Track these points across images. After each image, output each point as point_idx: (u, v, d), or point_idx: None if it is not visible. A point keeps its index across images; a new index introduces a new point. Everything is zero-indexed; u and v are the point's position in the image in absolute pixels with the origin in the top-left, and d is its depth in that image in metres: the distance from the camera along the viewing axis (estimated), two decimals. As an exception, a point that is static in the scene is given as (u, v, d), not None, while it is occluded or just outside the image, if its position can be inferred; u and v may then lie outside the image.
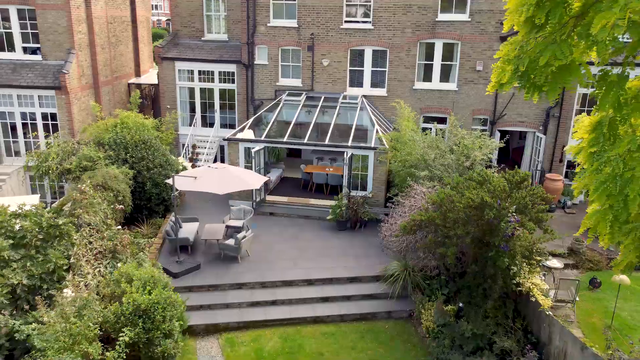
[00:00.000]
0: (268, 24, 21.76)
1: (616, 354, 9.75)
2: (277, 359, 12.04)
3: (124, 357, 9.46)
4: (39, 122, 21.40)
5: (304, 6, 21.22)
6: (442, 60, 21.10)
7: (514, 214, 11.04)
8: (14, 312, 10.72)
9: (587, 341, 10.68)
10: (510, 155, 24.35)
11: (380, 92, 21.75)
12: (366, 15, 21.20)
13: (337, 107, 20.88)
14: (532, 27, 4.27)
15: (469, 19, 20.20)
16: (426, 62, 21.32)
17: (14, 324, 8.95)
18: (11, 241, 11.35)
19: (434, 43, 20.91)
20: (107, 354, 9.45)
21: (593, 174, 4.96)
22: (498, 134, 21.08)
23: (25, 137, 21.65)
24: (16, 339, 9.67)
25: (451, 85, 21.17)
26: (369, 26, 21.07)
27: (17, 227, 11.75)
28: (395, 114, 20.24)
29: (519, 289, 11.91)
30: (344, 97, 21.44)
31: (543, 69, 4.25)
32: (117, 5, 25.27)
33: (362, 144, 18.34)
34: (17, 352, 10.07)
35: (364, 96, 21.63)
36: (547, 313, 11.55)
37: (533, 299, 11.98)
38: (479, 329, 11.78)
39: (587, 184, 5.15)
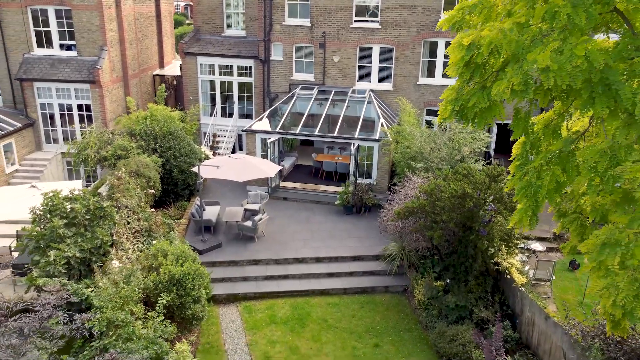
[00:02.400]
0: (283, 23, 23.48)
1: (572, 322, 11.57)
2: (288, 323, 14.11)
3: (162, 317, 11.57)
4: (75, 113, 23.56)
5: (317, 6, 22.88)
6: (445, 58, 22.66)
7: (491, 203, 12.82)
8: (68, 280, 12.90)
9: (550, 312, 12.50)
10: (510, 146, 25.94)
11: (387, 86, 23.44)
12: (374, 15, 22.81)
13: (347, 101, 22.65)
14: (464, 80, 6.03)
15: (470, 20, 21.66)
16: (430, 59, 22.92)
17: (77, 287, 11.04)
18: (65, 221, 13.47)
19: (437, 42, 22.47)
20: (149, 313, 11.57)
21: (517, 181, 6.75)
22: (496, 127, 22.68)
23: (62, 126, 23.82)
24: (71, 302, 11.83)
25: (453, 81, 22.70)
26: (376, 25, 22.69)
27: (68, 208, 13.86)
28: (399, 108, 21.95)
29: (497, 267, 13.75)
30: (353, 91, 23.19)
31: (471, 109, 6.00)
32: (144, 2, 27.13)
33: (368, 136, 20.13)
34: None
35: (372, 90, 23.34)
36: (520, 288, 13.38)
37: (509, 277, 13.82)
38: (462, 302, 13.69)
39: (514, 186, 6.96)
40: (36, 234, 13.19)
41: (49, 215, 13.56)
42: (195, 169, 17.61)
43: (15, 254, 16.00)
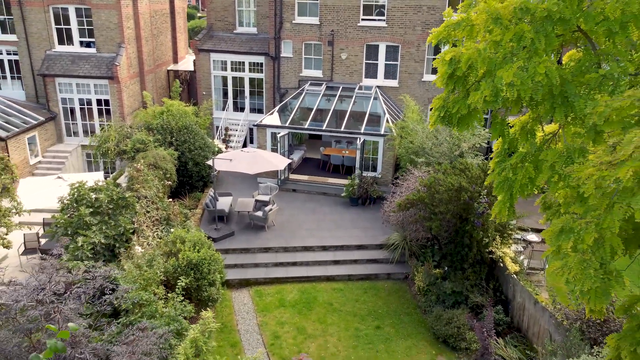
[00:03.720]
0: (293, 21, 24.40)
1: (558, 306, 12.51)
2: (296, 306, 15.18)
3: (181, 297, 12.68)
4: (94, 107, 24.71)
5: (325, 5, 23.76)
6: (449, 55, 23.44)
7: (485, 196, 13.74)
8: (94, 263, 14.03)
9: (541, 298, 13.43)
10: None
11: (392, 83, 24.31)
12: (381, 14, 23.65)
13: (354, 96, 23.57)
14: (449, 90, 6.96)
15: (473, 19, 22.43)
16: (434, 57, 23.70)
17: (107, 269, 12.14)
18: (90, 210, 14.59)
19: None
20: (169, 294, 12.68)
21: (497, 176, 7.68)
22: (497, 123, 23.45)
23: (82, 120, 25.00)
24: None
25: (456, 78, 23.54)
26: (383, 24, 23.54)
27: (93, 198, 14.97)
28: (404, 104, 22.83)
29: (491, 256, 14.69)
30: (360, 87, 24.11)
31: (455, 115, 6.93)
32: (158, 0, 28.13)
33: (373, 131, 21.06)
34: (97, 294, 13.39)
35: (378, 87, 24.23)
36: (512, 276, 14.32)
37: (502, 265, 14.76)
38: (458, 288, 14.66)
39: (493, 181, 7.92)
40: (64, 221, 14.33)
41: (75, 204, 14.69)
42: (209, 162, 18.67)
43: (43, 240, 17.19)
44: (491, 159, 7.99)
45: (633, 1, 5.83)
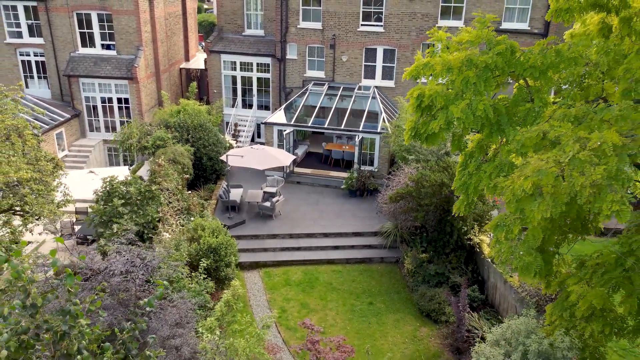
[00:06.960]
0: (298, 26, 26.41)
1: (524, 285, 14.73)
2: (300, 285, 17.47)
3: (204, 276, 14.95)
4: (115, 105, 26.89)
5: (328, 12, 25.75)
6: (441, 58, 25.45)
7: (464, 191, 15.92)
8: (126, 247, 16.27)
9: (514, 280, 15.62)
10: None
11: (389, 83, 26.37)
12: (379, 20, 25.62)
13: (353, 96, 25.66)
14: (419, 116, 9.08)
15: (464, 25, 24.41)
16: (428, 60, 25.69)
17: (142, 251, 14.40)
18: (122, 201, 16.82)
19: (434, 44, 25.21)
20: (193, 274, 14.96)
21: (458, 181, 9.83)
22: (485, 121, 25.53)
23: (104, 117, 27.19)
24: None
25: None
26: (380, 29, 25.53)
27: (124, 191, 17.17)
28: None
29: (470, 242, 16.91)
30: (359, 88, 26.18)
31: (422, 135, 9.06)
32: (172, 3, 30.14)
33: (371, 130, 23.18)
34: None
35: (376, 87, 26.28)
36: (487, 259, 16.54)
37: (478, 250, 16.98)
38: (441, 270, 16.91)
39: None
40: (100, 211, 16.57)
41: (108, 196, 16.91)
42: (223, 158, 20.87)
43: (76, 227, 19.46)
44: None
45: (550, 55, 7.96)
